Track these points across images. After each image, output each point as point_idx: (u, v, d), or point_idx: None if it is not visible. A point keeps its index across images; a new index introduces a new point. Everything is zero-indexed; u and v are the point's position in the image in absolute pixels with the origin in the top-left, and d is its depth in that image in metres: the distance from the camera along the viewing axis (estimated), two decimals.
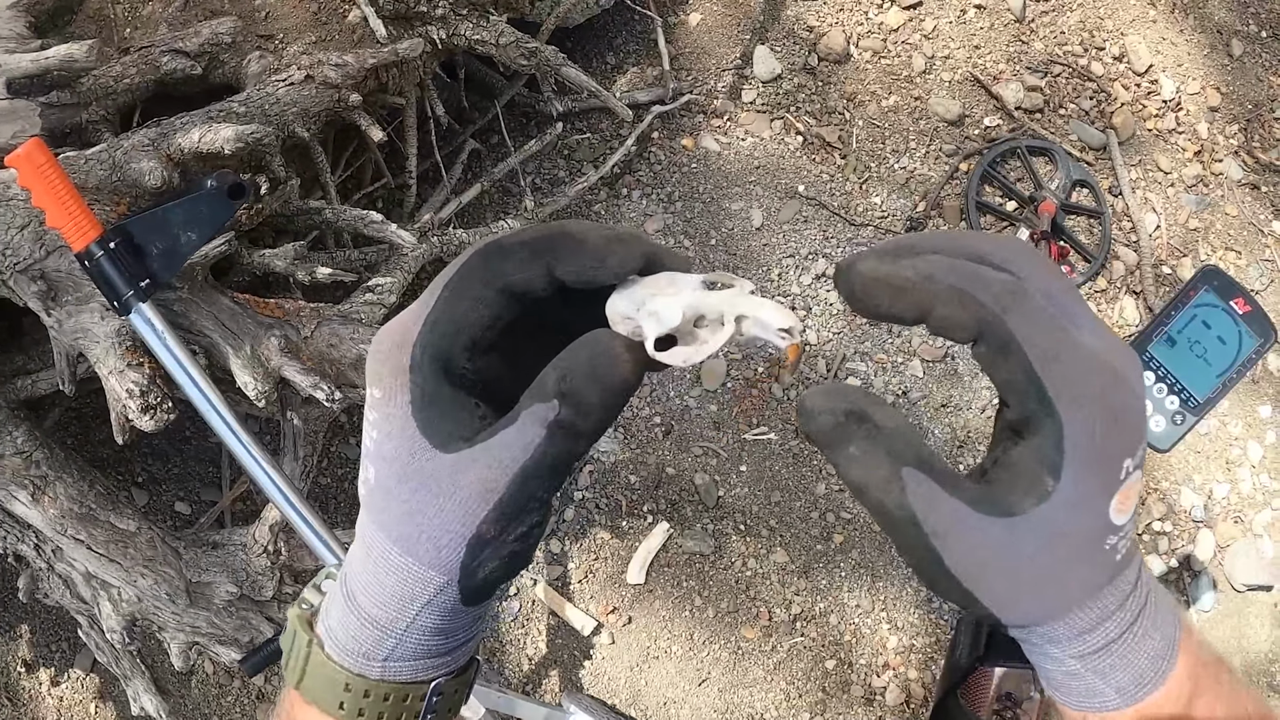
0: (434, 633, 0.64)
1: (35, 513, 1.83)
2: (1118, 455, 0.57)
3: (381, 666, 0.64)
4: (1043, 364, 0.56)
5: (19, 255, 1.73)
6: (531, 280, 0.60)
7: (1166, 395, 1.61)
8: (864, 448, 0.58)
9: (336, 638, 0.65)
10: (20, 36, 2.01)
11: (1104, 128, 2.89)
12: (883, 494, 0.57)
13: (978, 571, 0.57)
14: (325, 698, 0.65)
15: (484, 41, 2.36)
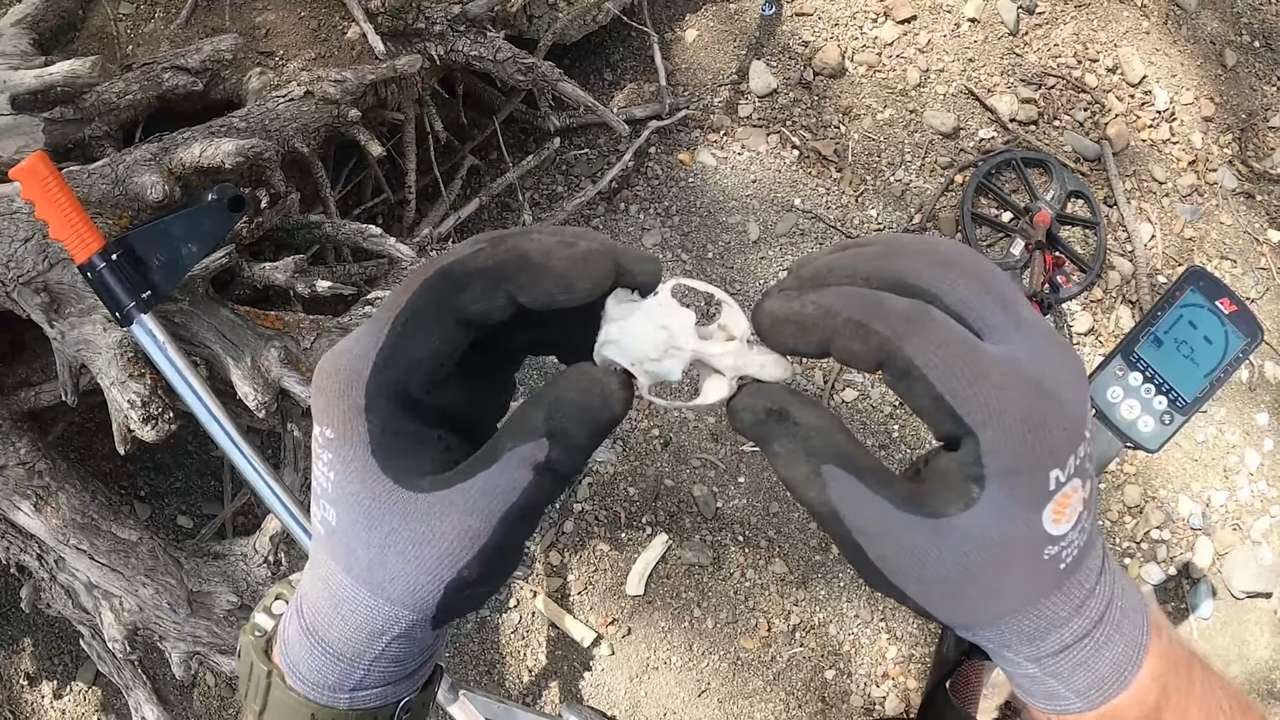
0: (400, 660, 0.63)
1: (38, 523, 1.85)
2: (1042, 468, 0.55)
3: (349, 697, 0.63)
4: (948, 386, 0.55)
5: (22, 267, 1.75)
6: (491, 310, 0.57)
7: (1154, 396, 1.62)
8: (786, 445, 0.57)
9: (300, 672, 0.64)
10: (24, 53, 2.04)
11: (1098, 139, 2.91)
12: (805, 490, 0.57)
13: (904, 569, 0.57)
14: None
15: (482, 58, 2.38)
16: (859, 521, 0.56)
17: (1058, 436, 0.55)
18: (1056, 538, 0.56)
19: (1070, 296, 2.78)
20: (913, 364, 0.55)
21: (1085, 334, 2.77)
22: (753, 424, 0.59)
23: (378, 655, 0.61)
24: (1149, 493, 2.69)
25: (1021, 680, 0.63)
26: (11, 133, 1.93)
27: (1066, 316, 2.78)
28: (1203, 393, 1.63)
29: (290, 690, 0.64)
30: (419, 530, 0.56)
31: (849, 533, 0.56)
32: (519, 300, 0.56)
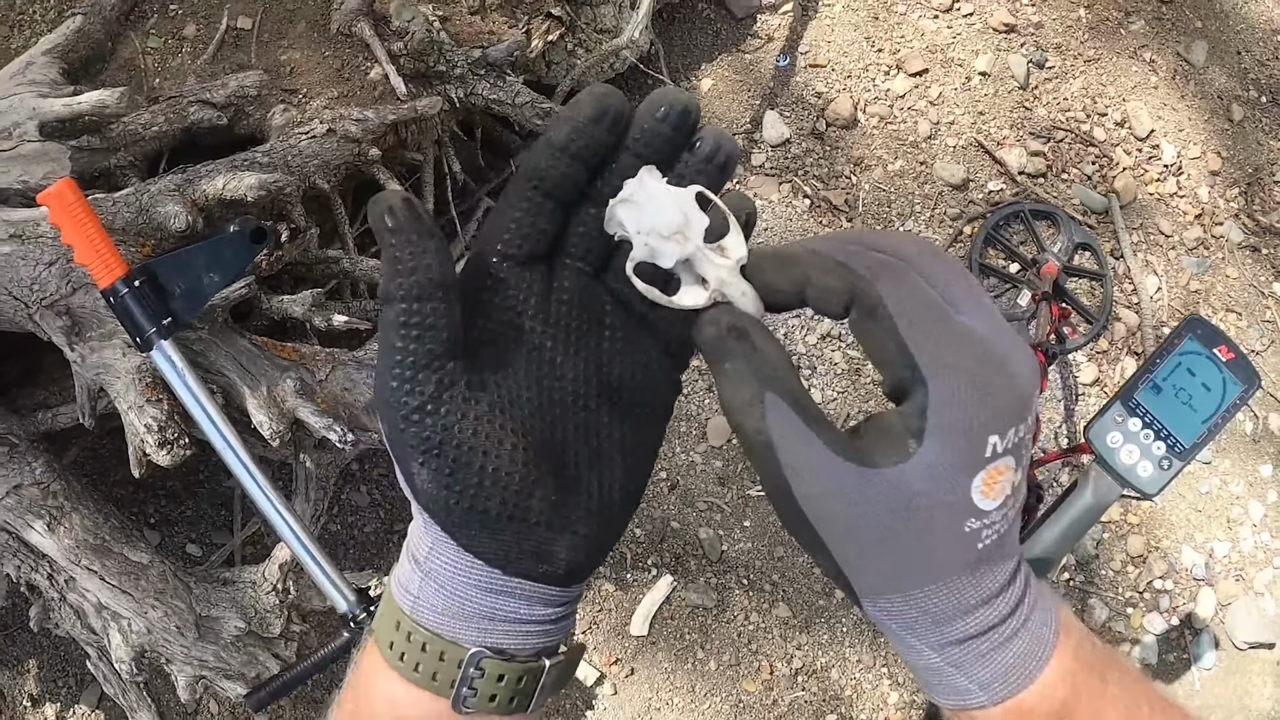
0: (453, 585, 0.64)
1: (50, 542, 1.87)
2: (983, 430, 0.56)
3: (414, 600, 0.65)
4: (910, 332, 0.57)
5: (46, 290, 1.78)
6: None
7: (1153, 441, 1.64)
8: (736, 365, 0.59)
9: (396, 574, 0.67)
10: (54, 82, 2.08)
11: (1106, 192, 2.94)
12: (744, 415, 0.58)
13: (828, 516, 0.57)
14: (381, 635, 0.66)
15: (500, 101, 2.42)
16: (791, 457, 0.57)
17: (1003, 403, 0.57)
18: (982, 512, 0.58)
19: (1076, 348, 2.80)
20: (881, 303, 0.57)
21: (1090, 385, 2.79)
22: (713, 337, 0.60)
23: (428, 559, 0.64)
24: (1152, 543, 2.70)
25: (925, 673, 0.63)
26: (39, 159, 1.97)
27: (1072, 367, 2.80)
28: (1201, 439, 1.65)
29: (389, 590, 0.67)
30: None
31: (779, 468, 0.57)
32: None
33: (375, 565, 2.57)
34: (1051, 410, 2.75)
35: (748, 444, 0.59)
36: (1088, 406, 2.77)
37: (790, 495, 0.58)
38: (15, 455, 1.89)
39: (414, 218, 0.60)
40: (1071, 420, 2.75)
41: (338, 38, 2.33)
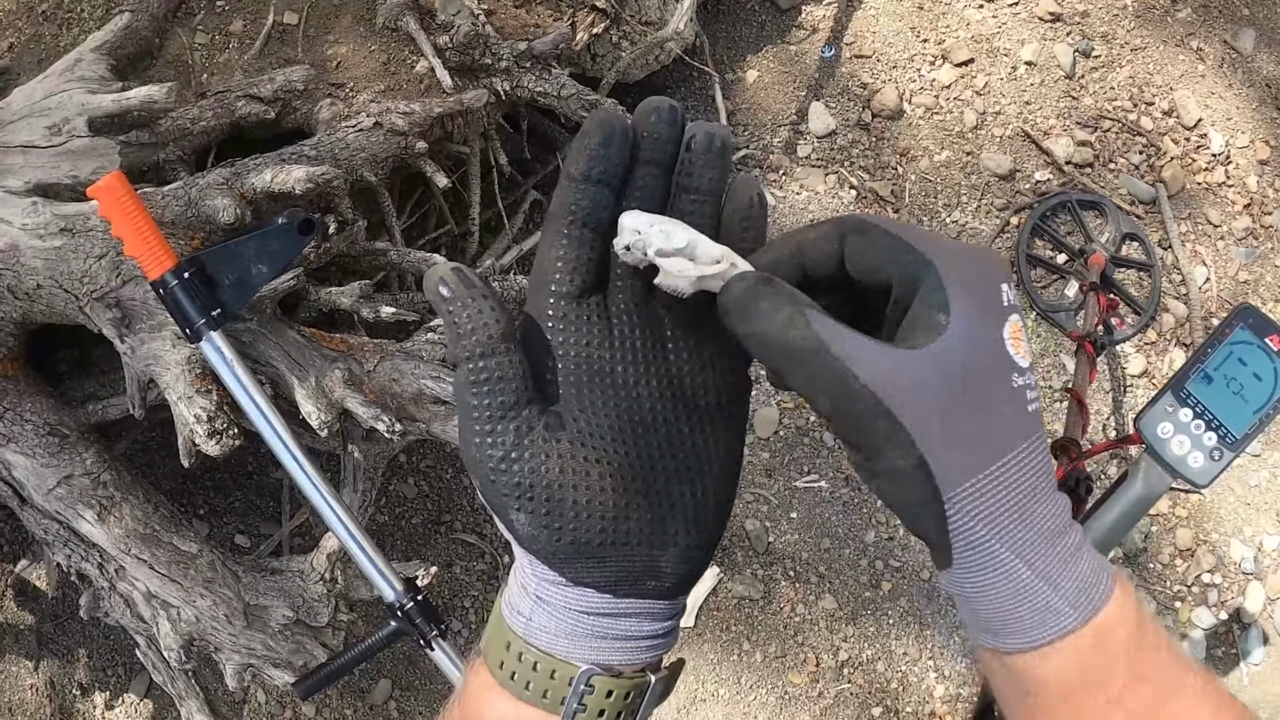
0: (565, 610, 0.65)
1: (101, 532, 1.89)
2: (993, 281, 0.61)
3: (526, 623, 0.66)
4: (902, 231, 0.62)
5: (96, 283, 1.80)
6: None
7: (1204, 432, 1.63)
8: (772, 300, 0.60)
9: (508, 596, 0.69)
10: (102, 78, 2.10)
11: (1153, 181, 2.92)
12: (789, 329, 0.59)
13: (894, 390, 0.58)
14: (492, 655, 0.68)
15: (546, 94, 2.43)
16: (846, 348, 0.58)
17: (992, 262, 0.63)
18: (1020, 368, 0.61)
19: (1124, 339, 2.78)
20: (866, 221, 0.63)
21: (1139, 376, 2.76)
22: (743, 291, 0.61)
23: (538, 589, 0.66)
24: (1200, 536, 2.67)
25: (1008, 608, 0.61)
26: (89, 154, 1.99)
27: (1120, 359, 2.78)
28: (1252, 429, 1.63)
29: (500, 614, 0.69)
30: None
31: (836, 360, 0.58)
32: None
33: (422, 556, 2.58)
34: (1100, 402, 2.73)
35: (798, 352, 0.59)
36: (1136, 398, 2.75)
37: (853, 379, 0.58)
38: (66, 446, 1.92)
39: (465, 283, 0.63)
40: (1120, 412, 2.73)
41: (383, 32, 2.34)
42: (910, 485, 0.59)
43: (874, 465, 0.60)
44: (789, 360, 0.59)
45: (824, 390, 0.59)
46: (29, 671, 2.46)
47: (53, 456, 1.90)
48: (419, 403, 1.96)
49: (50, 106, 2.02)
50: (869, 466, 0.60)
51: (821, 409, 0.60)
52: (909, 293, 0.61)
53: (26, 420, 1.91)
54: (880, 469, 0.60)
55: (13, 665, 2.47)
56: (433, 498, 2.64)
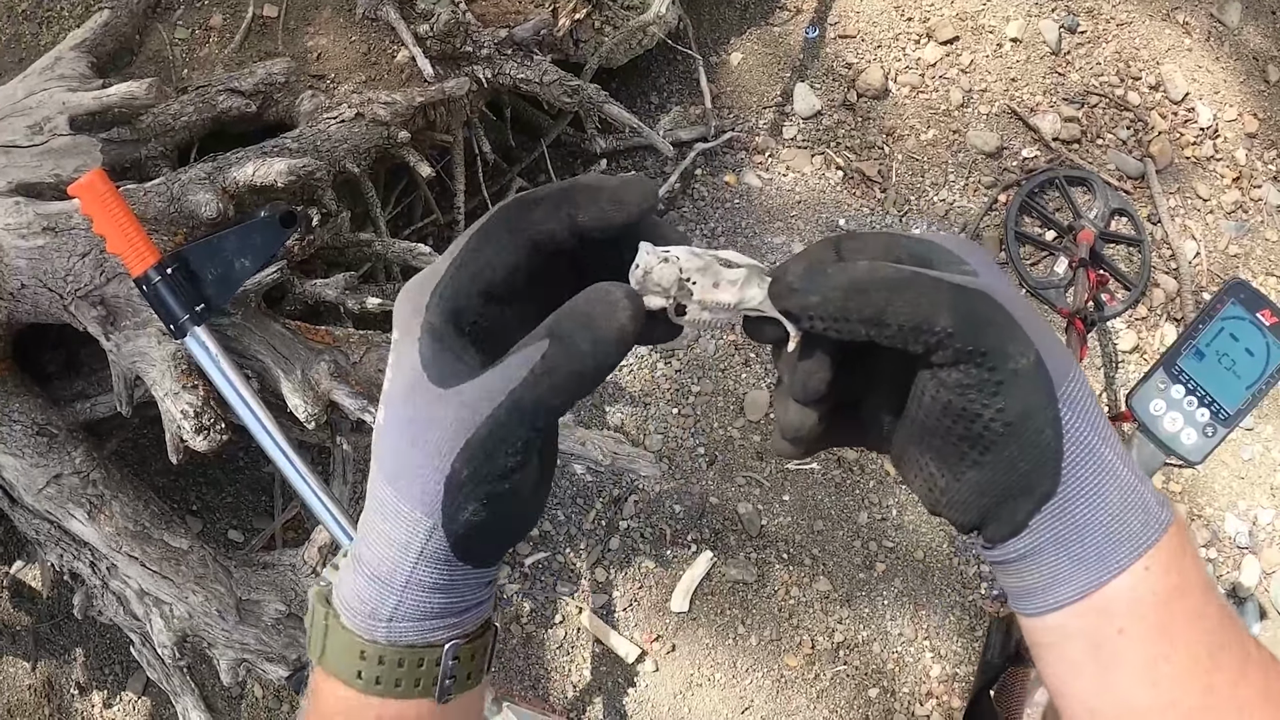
0: (434, 589, 0.64)
1: (92, 530, 1.89)
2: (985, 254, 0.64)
3: (387, 627, 0.65)
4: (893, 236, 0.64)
5: (80, 281, 1.80)
6: (555, 231, 0.61)
7: (1197, 408, 1.62)
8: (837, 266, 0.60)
9: (347, 602, 0.67)
10: (83, 76, 2.09)
11: (1141, 156, 2.91)
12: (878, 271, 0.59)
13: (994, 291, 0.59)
14: (343, 668, 0.67)
15: (528, 80, 2.42)
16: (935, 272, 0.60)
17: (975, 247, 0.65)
18: None
19: (1115, 314, 2.78)
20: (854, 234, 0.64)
21: (1130, 352, 2.76)
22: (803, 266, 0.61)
23: (409, 576, 0.63)
24: (1194, 511, 2.67)
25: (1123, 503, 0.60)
26: (71, 152, 1.99)
27: (1111, 334, 2.78)
28: (1245, 404, 1.63)
29: (342, 627, 0.67)
30: (427, 416, 0.59)
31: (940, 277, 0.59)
32: (578, 219, 0.61)
33: None
34: (1091, 378, 2.73)
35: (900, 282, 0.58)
36: (1128, 374, 2.75)
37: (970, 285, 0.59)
38: (55, 445, 1.91)
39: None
40: (1112, 388, 2.73)
41: (363, 22, 2.33)
42: (1032, 386, 0.58)
43: (997, 375, 0.58)
44: (895, 292, 0.58)
45: (945, 304, 0.57)
46: (26, 672, 2.46)
47: (41, 456, 1.90)
48: None
49: (31, 105, 2.02)
50: (992, 380, 0.58)
51: (942, 325, 0.57)
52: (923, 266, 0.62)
53: (14, 421, 1.90)
54: (1004, 376, 0.58)
55: (10, 666, 2.47)
56: None
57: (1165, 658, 0.60)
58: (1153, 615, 0.60)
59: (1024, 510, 0.60)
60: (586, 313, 0.58)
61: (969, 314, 0.58)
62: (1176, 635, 0.61)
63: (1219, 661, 0.61)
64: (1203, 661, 0.61)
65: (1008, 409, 0.58)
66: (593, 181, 0.62)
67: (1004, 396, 0.58)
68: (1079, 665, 0.63)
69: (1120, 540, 0.60)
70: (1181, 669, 0.60)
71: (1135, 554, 0.60)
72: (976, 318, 0.58)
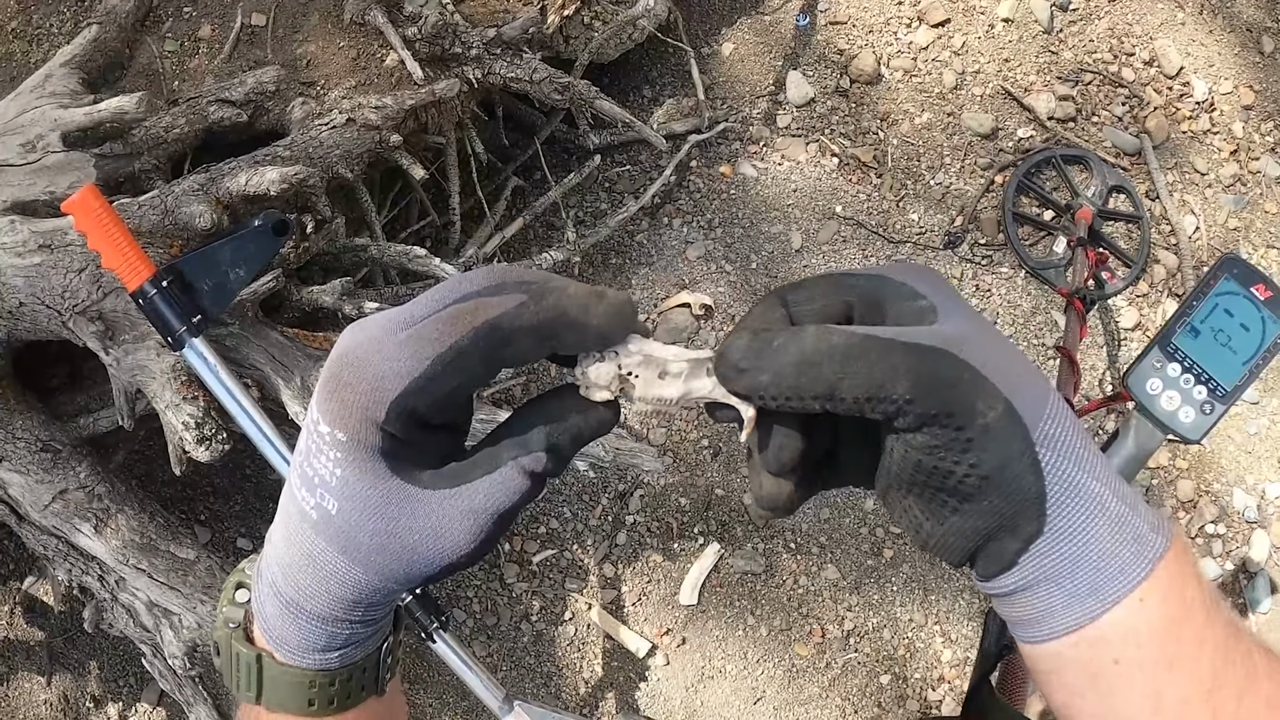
0: (376, 619, 0.69)
1: (99, 544, 1.90)
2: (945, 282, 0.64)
3: (339, 655, 0.69)
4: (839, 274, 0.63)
5: (77, 297, 1.80)
6: (531, 360, 0.62)
7: (1194, 386, 1.61)
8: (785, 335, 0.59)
9: (289, 644, 0.68)
10: (74, 92, 2.10)
11: (1138, 133, 2.91)
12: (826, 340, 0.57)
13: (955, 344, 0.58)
14: (292, 702, 0.70)
15: (518, 79, 2.42)
16: (889, 331, 0.59)
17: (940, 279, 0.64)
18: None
19: (1115, 292, 2.78)
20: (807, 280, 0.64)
21: (1132, 329, 2.76)
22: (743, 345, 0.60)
23: (359, 618, 0.67)
24: (1202, 487, 2.67)
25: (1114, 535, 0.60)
26: (64, 169, 1.99)
27: (1113, 312, 2.78)
28: (1242, 380, 1.62)
29: (284, 665, 0.69)
30: (429, 524, 0.62)
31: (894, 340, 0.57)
32: (558, 351, 0.62)
33: None
34: (1094, 357, 2.73)
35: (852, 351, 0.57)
36: (1130, 351, 2.74)
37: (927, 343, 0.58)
38: (59, 461, 1.92)
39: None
40: (1115, 366, 2.72)
41: (351, 27, 2.33)
42: (1005, 436, 0.57)
43: (966, 433, 0.57)
44: (846, 364, 0.57)
45: (902, 370, 0.56)
46: (42, 687, 2.47)
47: (46, 472, 1.91)
48: None
49: (23, 124, 2.02)
50: (960, 439, 0.57)
51: (900, 393, 0.56)
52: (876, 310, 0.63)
53: (18, 438, 1.91)
54: (973, 433, 0.57)
55: (25, 682, 2.48)
56: None
57: (1167, 685, 0.60)
58: (1150, 645, 0.60)
59: (1011, 550, 0.60)
60: (579, 427, 0.64)
61: (928, 378, 0.56)
62: (1177, 662, 0.60)
63: (1223, 679, 0.61)
64: (1205, 683, 0.60)
65: (981, 463, 0.57)
66: (575, 310, 0.61)
67: (975, 452, 0.57)
68: (1079, 691, 0.63)
69: (1112, 574, 0.59)
70: (1184, 695, 0.60)
71: (1128, 587, 0.59)
72: (936, 381, 0.56)
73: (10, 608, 2.55)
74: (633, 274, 2.79)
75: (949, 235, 2.81)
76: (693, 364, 0.63)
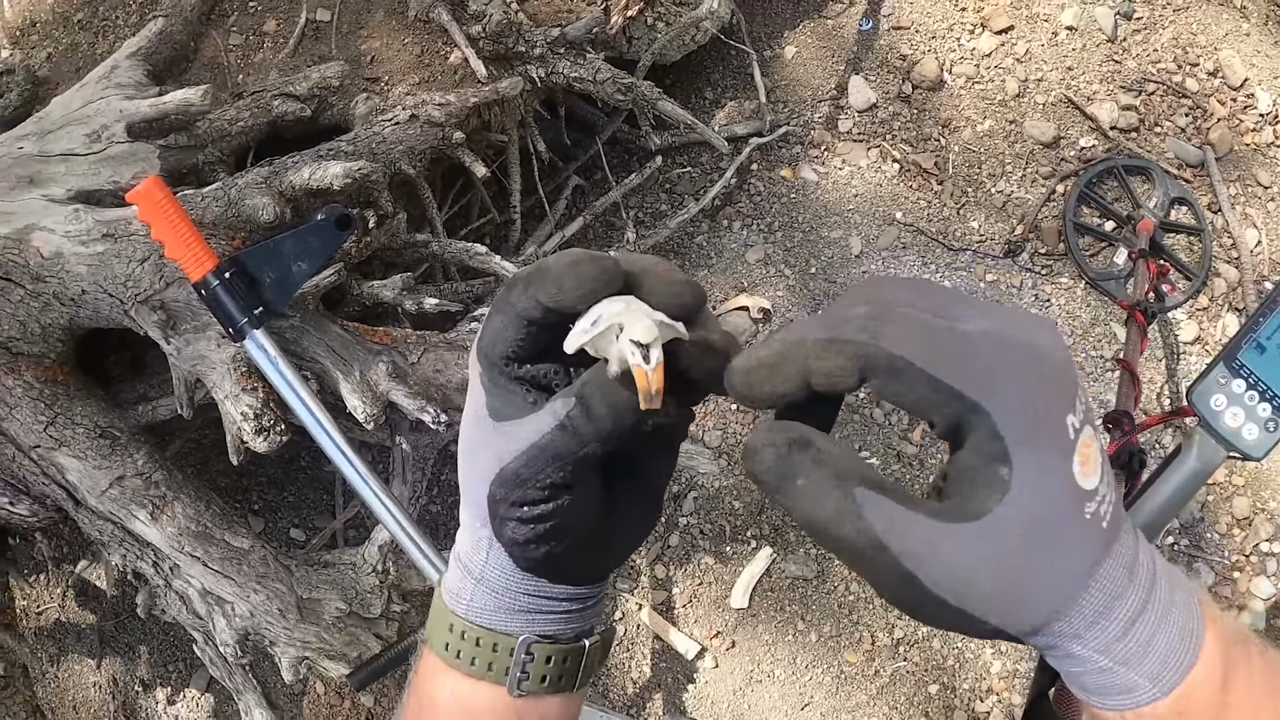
0: (500, 589, 0.73)
1: (154, 531, 1.91)
2: (1057, 415, 0.55)
3: (467, 605, 0.74)
4: (938, 366, 0.54)
5: (140, 286, 1.82)
6: (529, 308, 0.65)
7: (1259, 403, 1.59)
8: (812, 475, 0.57)
9: (446, 582, 0.76)
10: (139, 84, 2.12)
11: (1201, 144, 2.87)
12: (839, 524, 0.56)
13: (963, 586, 0.55)
14: (436, 638, 0.75)
15: (582, 79, 2.43)
16: (906, 545, 0.55)
17: (1058, 384, 0.56)
18: (1091, 492, 0.56)
19: (1176, 305, 2.74)
20: (896, 357, 0.54)
21: (1191, 343, 2.73)
22: (776, 460, 0.58)
23: (483, 566, 0.73)
24: (1258, 504, 2.63)
25: (1090, 680, 0.60)
26: (129, 159, 2.01)
27: (1172, 325, 2.74)
28: None
29: (441, 601, 0.76)
30: (480, 443, 0.69)
31: (896, 560, 0.55)
32: (539, 299, 0.64)
33: None
34: (1152, 370, 2.70)
35: (853, 551, 0.56)
36: (1189, 365, 2.71)
37: (917, 584, 0.55)
38: (118, 448, 1.94)
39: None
40: (1174, 380, 2.69)
41: (416, 24, 2.35)
42: (990, 634, 0.58)
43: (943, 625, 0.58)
44: (844, 555, 0.57)
45: (885, 586, 0.57)
46: (92, 670, 2.50)
47: (104, 459, 1.93)
48: (464, 392, 1.96)
49: (89, 114, 2.05)
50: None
51: (882, 593, 0.57)
52: (960, 433, 0.57)
53: (77, 424, 1.93)
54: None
55: (76, 664, 2.51)
56: None
57: None
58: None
59: None
60: (602, 383, 0.65)
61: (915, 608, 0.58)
62: None
63: None
64: None
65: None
66: (550, 263, 0.65)
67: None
68: None
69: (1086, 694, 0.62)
70: None
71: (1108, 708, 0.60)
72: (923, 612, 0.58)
73: (63, 591, 2.58)
74: (691, 275, 2.78)
75: (1009, 244, 2.79)
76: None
